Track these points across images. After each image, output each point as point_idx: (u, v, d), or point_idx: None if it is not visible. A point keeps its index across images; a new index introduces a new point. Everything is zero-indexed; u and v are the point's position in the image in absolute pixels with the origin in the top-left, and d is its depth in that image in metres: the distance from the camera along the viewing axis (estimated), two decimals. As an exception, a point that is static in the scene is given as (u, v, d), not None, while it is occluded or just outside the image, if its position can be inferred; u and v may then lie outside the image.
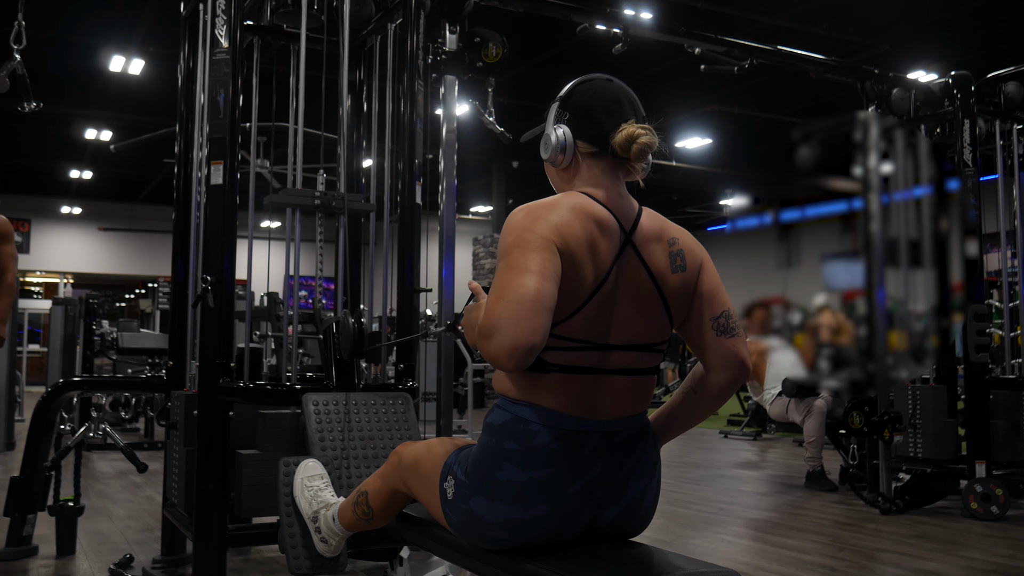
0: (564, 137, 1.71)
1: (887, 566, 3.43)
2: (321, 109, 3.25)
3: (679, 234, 1.72)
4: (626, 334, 1.64)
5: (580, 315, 1.59)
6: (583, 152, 1.72)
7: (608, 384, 1.64)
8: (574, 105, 1.73)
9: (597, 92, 1.73)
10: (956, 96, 4.76)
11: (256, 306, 4.73)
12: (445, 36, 3.11)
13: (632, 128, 1.68)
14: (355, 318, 2.63)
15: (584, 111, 1.72)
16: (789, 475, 5.88)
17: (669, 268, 1.66)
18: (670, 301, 1.67)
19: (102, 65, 9.47)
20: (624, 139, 1.67)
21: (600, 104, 1.71)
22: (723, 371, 1.73)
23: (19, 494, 3.53)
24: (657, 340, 1.69)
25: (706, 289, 1.71)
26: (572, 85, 1.77)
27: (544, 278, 1.51)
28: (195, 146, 3.33)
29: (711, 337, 1.71)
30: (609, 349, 1.63)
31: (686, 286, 1.69)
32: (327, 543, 2.13)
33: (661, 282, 1.66)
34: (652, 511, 1.74)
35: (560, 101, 1.76)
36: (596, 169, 1.71)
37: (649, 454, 1.70)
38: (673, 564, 1.57)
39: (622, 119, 1.70)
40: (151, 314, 18.88)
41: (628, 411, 1.67)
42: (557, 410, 1.61)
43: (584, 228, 1.59)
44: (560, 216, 1.59)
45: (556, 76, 2.33)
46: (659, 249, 1.67)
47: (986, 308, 4.85)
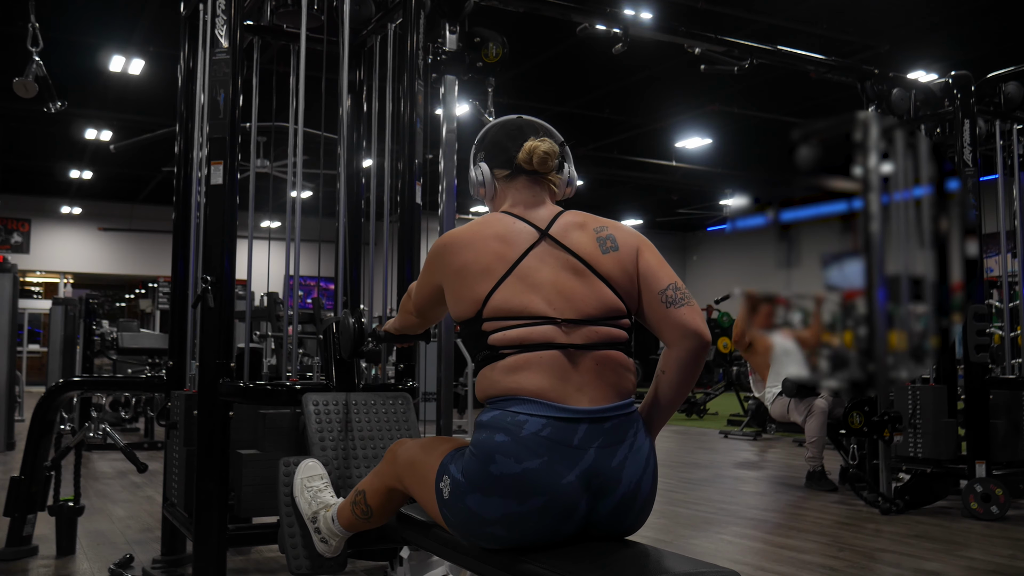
0: (482, 173, 1.96)
1: (887, 566, 3.43)
2: (321, 109, 3.25)
3: (607, 223, 1.87)
4: (575, 310, 1.74)
5: (496, 299, 1.75)
6: (500, 178, 1.95)
7: (578, 359, 1.72)
8: (487, 143, 1.98)
9: (503, 126, 1.98)
10: (956, 96, 4.76)
11: (256, 306, 4.73)
12: (445, 36, 3.11)
13: (531, 142, 1.91)
14: (355, 318, 2.62)
15: (493, 144, 1.96)
16: (789, 475, 5.88)
17: (599, 250, 1.80)
18: (610, 280, 1.78)
19: (102, 65, 9.46)
20: (525, 153, 1.90)
21: (505, 134, 1.95)
22: (680, 341, 1.78)
23: (19, 494, 3.53)
24: (608, 315, 1.76)
25: (646, 267, 1.82)
26: (483, 130, 2.01)
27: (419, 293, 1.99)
28: (195, 146, 3.33)
29: (661, 311, 1.80)
30: (550, 322, 1.73)
31: (623, 266, 1.80)
32: (327, 543, 2.13)
33: (592, 262, 1.79)
34: (649, 505, 1.75)
35: (475, 145, 2.01)
36: (512, 189, 1.93)
37: (641, 444, 1.73)
38: (673, 564, 1.57)
39: (524, 140, 1.92)
40: (151, 314, 18.88)
41: (611, 396, 1.72)
42: (539, 397, 1.68)
43: (483, 244, 1.81)
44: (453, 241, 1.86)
45: (556, 76, 2.33)
46: (583, 235, 1.82)
47: (986, 308, 4.85)
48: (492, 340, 1.75)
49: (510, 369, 1.71)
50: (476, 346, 1.79)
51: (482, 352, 1.78)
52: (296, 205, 3.02)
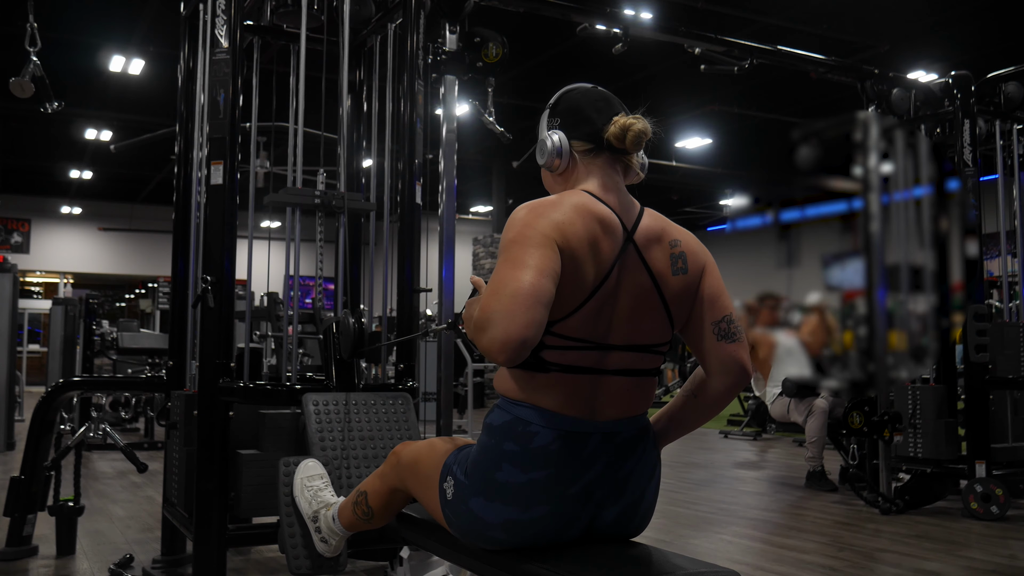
0: (560, 142, 1.72)
1: (887, 566, 3.43)
2: (321, 109, 3.25)
3: (681, 235, 1.71)
4: (626, 335, 1.64)
5: (580, 314, 1.59)
6: (579, 151, 1.73)
7: (608, 384, 1.64)
8: (564, 109, 1.75)
9: (585, 94, 1.76)
10: (956, 96, 4.76)
11: (256, 306, 4.73)
12: (445, 36, 3.11)
13: (624, 119, 1.70)
14: (355, 318, 2.62)
15: (575, 112, 1.74)
16: (789, 475, 5.88)
17: (670, 270, 1.66)
18: (671, 303, 1.67)
19: (102, 65, 9.46)
20: (618, 130, 1.69)
21: (589, 103, 1.73)
22: (723, 376, 1.72)
23: (19, 494, 3.53)
24: (657, 342, 1.68)
25: (708, 293, 1.70)
26: (559, 94, 1.79)
27: (541, 274, 1.51)
28: (195, 146, 3.33)
29: (712, 341, 1.71)
30: (608, 349, 1.63)
31: (687, 288, 1.68)
32: (327, 543, 2.13)
33: (661, 283, 1.65)
34: (651, 511, 1.75)
35: (549, 109, 1.78)
36: (594, 167, 1.72)
37: (649, 455, 1.70)
38: (673, 564, 1.57)
39: (612, 114, 1.72)
40: (151, 314, 18.88)
41: (628, 412, 1.67)
42: (557, 411, 1.61)
43: (586, 226, 1.59)
44: (563, 214, 1.59)
45: (556, 76, 2.34)
46: (659, 250, 1.66)
47: (986, 308, 4.85)
48: (546, 355, 1.61)
49: (543, 384, 1.62)
50: None
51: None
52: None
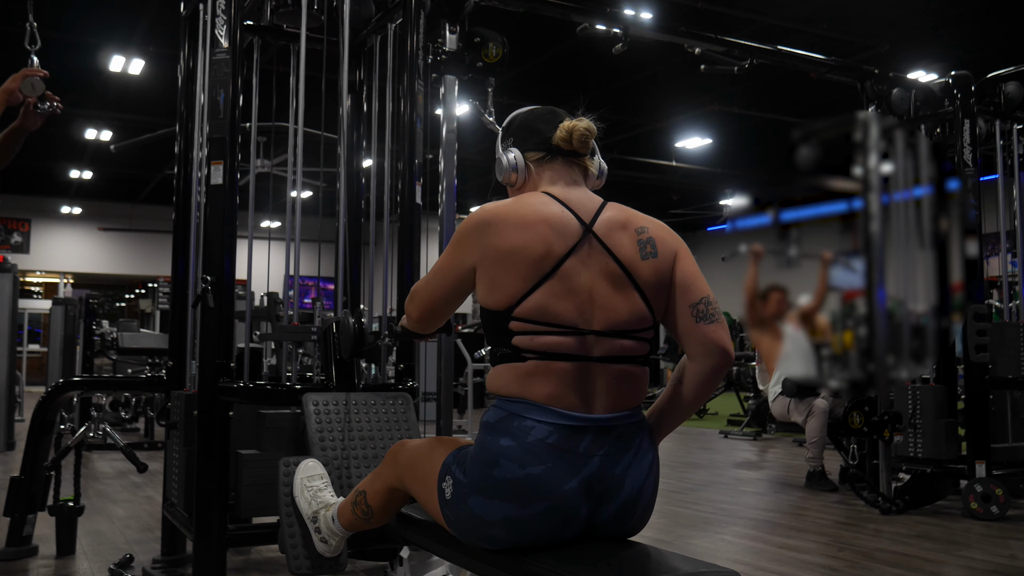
0: (515, 159, 1.86)
1: (887, 566, 3.43)
2: (321, 109, 3.25)
3: (648, 223, 1.78)
4: (605, 320, 1.69)
5: (532, 299, 1.67)
6: (533, 160, 1.85)
7: (596, 373, 1.68)
8: (515, 128, 1.89)
9: (532, 111, 1.90)
10: (956, 96, 4.76)
11: (256, 306, 4.73)
12: (445, 36, 3.11)
13: (569, 122, 1.83)
14: (355, 318, 2.62)
15: (525, 127, 1.87)
16: (789, 475, 5.88)
17: (638, 255, 1.73)
18: (644, 288, 1.72)
19: (102, 65, 9.46)
20: (564, 132, 1.82)
21: (537, 117, 1.87)
22: (705, 358, 1.75)
23: (19, 494, 3.53)
24: (637, 327, 1.72)
25: (682, 277, 1.76)
26: (509, 118, 1.93)
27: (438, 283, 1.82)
28: (195, 146, 3.33)
29: (690, 324, 1.75)
30: (588, 335, 1.68)
31: (660, 273, 1.74)
32: (327, 543, 2.13)
33: (631, 268, 1.72)
34: (650, 509, 1.75)
35: (502, 132, 1.92)
36: (549, 171, 1.84)
37: (646, 450, 1.72)
38: (673, 564, 1.57)
39: (559, 122, 1.85)
40: (151, 314, 18.89)
41: (622, 405, 1.70)
42: (549, 403, 1.65)
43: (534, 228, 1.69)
44: (501, 219, 1.71)
45: (556, 76, 2.34)
46: (625, 236, 1.74)
47: (986, 308, 4.85)
48: (516, 342, 1.68)
49: (527, 374, 1.67)
50: (498, 341, 1.74)
51: (502, 349, 1.73)
52: (296, 205, 3.02)
